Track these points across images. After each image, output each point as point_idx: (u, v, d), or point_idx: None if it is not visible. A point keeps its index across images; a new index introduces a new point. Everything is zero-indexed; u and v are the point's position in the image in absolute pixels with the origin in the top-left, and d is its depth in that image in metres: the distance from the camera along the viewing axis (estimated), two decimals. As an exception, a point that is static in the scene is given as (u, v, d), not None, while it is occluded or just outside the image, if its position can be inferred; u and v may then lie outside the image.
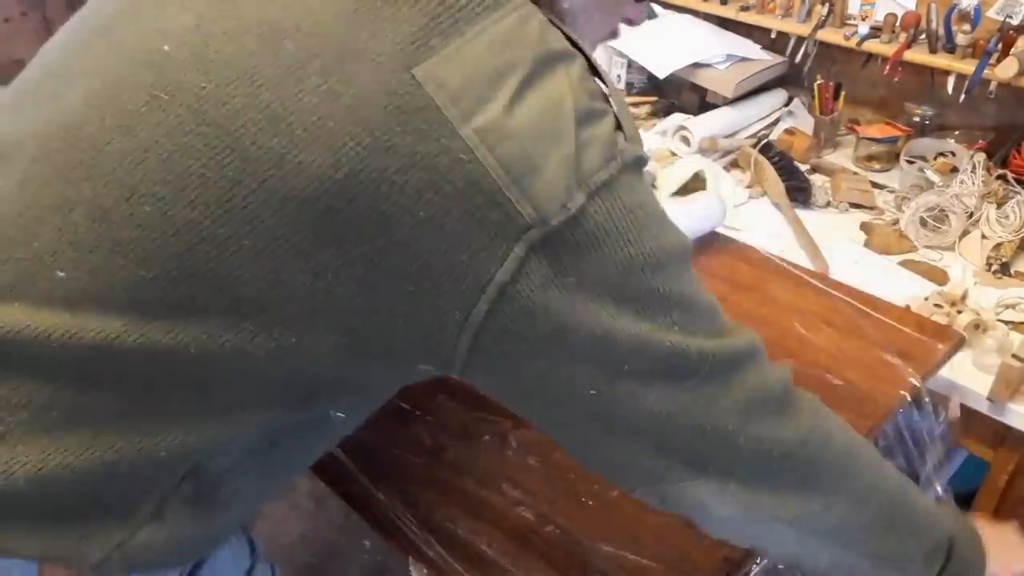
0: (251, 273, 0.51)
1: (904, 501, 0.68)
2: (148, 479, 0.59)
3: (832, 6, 1.63)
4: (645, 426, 0.56)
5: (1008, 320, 1.18)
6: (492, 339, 0.53)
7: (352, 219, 0.50)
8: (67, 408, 0.56)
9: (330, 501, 1.97)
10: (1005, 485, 1.15)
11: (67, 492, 0.58)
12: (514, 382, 0.57)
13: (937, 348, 1.01)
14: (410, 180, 0.49)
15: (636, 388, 0.55)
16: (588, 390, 0.55)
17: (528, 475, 0.85)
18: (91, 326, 0.54)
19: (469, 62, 0.50)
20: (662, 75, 1.75)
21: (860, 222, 1.45)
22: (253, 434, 0.61)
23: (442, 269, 0.50)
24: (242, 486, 0.63)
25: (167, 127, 0.53)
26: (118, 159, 0.54)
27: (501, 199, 0.49)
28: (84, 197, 0.55)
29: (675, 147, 1.68)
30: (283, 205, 0.50)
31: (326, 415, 0.65)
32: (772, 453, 0.59)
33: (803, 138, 1.68)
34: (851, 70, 1.72)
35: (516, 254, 0.50)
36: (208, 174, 0.51)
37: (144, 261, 0.53)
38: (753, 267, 1.18)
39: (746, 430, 0.58)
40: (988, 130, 1.60)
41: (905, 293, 1.22)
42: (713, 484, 0.59)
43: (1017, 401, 1.05)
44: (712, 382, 0.57)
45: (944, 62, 1.48)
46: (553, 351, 0.54)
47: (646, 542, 0.77)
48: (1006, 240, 1.31)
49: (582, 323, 0.53)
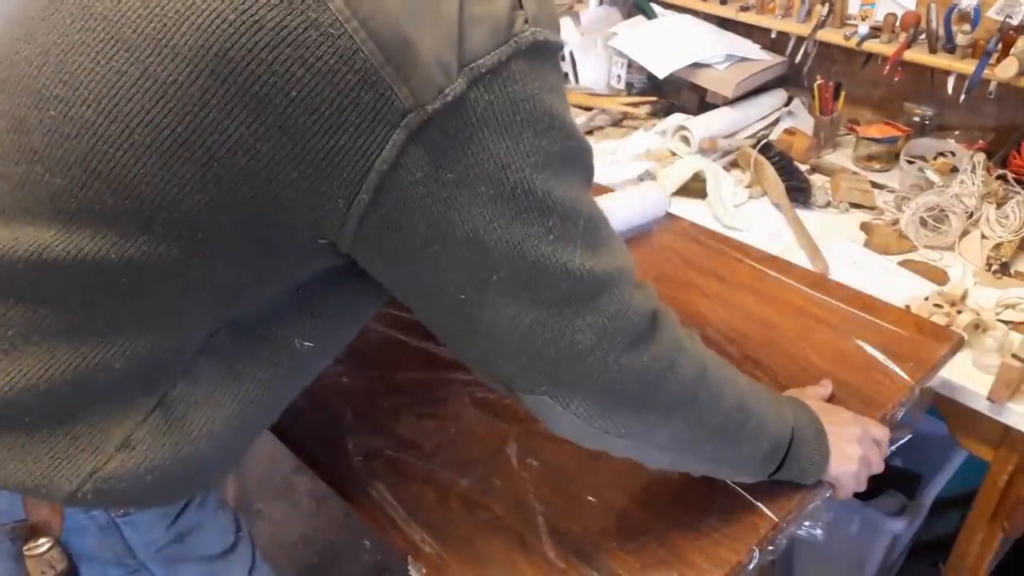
0: (146, 170, 0.52)
1: (742, 416, 0.71)
2: (113, 402, 0.61)
3: (832, 6, 1.63)
4: (504, 335, 0.58)
5: (1008, 320, 1.17)
6: (373, 230, 0.54)
7: (227, 102, 0.50)
8: (22, 326, 0.58)
9: (330, 501, 1.97)
10: (1005, 485, 1.15)
11: (35, 418, 0.60)
12: (393, 274, 0.59)
13: (936, 349, 1.01)
14: (279, 57, 0.48)
15: (500, 298, 0.56)
16: (458, 294, 0.57)
17: (528, 475, 0.85)
18: (25, 238, 0.56)
19: None
20: (662, 75, 1.75)
21: (860, 222, 1.45)
22: (209, 360, 0.63)
23: (322, 154, 0.50)
24: (213, 419, 0.64)
25: (61, 27, 0.54)
26: (25, 67, 0.56)
27: (375, 79, 0.48)
28: (3, 110, 0.57)
29: (675, 147, 1.68)
30: (164, 93, 0.50)
31: (290, 344, 0.66)
32: (616, 377, 0.61)
33: (803, 138, 1.68)
34: (851, 70, 1.72)
35: (395, 141, 0.49)
36: (97, 68, 0.52)
37: (57, 168, 0.54)
38: (753, 267, 1.18)
39: (595, 352, 0.59)
40: (988, 130, 1.60)
41: (905, 293, 1.21)
42: (559, 396, 0.61)
43: (1017, 401, 1.05)
44: (572, 303, 0.58)
45: (944, 62, 1.48)
46: (428, 251, 0.54)
47: (646, 542, 0.77)
48: (1006, 240, 1.31)
49: (458, 223, 0.53)
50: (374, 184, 0.51)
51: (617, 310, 0.59)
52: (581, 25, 1.98)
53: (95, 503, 0.63)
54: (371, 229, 0.54)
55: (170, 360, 0.61)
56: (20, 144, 0.56)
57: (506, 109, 0.51)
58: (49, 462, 0.61)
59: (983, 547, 1.23)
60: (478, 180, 0.52)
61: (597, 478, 0.84)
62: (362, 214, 0.53)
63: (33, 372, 0.59)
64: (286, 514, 1.96)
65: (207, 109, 0.50)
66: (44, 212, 0.56)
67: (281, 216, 0.55)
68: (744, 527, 0.78)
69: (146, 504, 0.69)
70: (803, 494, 0.81)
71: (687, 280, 1.15)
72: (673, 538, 0.78)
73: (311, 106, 0.49)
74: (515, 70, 0.51)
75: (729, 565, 0.75)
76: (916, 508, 1.48)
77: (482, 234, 0.54)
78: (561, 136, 0.55)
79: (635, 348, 0.62)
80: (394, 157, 0.50)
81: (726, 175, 1.56)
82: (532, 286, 0.56)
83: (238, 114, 0.50)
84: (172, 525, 0.73)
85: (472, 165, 0.51)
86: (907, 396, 0.94)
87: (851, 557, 1.50)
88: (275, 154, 0.51)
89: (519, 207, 0.54)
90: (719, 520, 0.79)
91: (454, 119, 0.50)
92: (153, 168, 0.52)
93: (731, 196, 1.51)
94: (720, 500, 0.81)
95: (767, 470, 0.78)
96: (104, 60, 0.52)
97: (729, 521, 0.79)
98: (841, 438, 0.81)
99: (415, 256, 0.56)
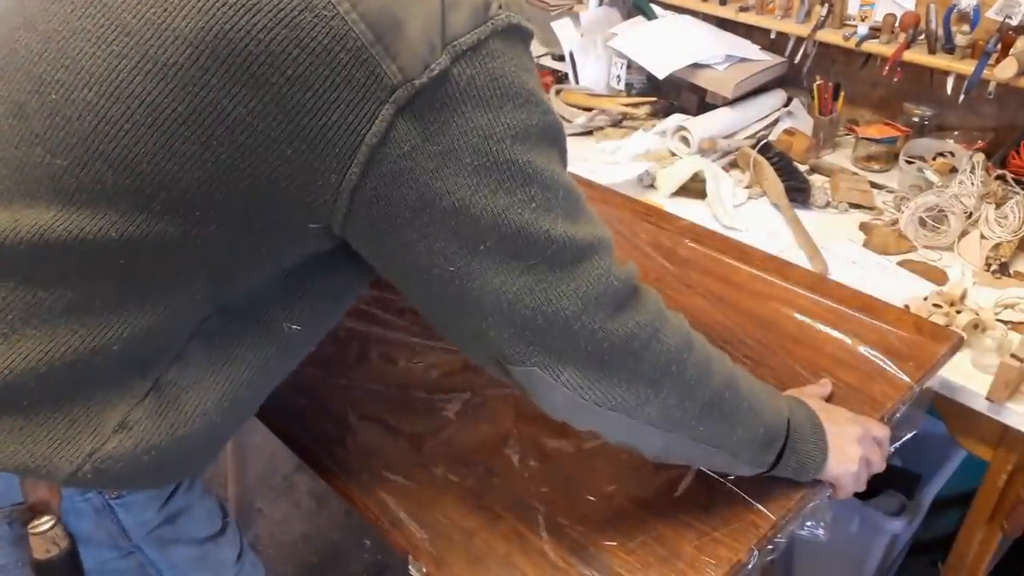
0: (147, 148, 0.55)
1: (733, 396, 0.72)
2: (110, 385, 0.63)
3: (831, 7, 1.63)
4: (493, 305, 0.60)
5: (1007, 320, 1.18)
6: (365, 204, 0.56)
7: (226, 82, 0.53)
8: (22, 310, 0.60)
9: (331, 500, 1.97)
10: (1004, 485, 1.15)
11: (34, 400, 0.62)
12: (385, 251, 0.61)
13: (936, 348, 1.01)
14: (276, 38, 0.51)
15: (488, 268, 0.59)
16: (448, 266, 0.59)
17: (528, 474, 0.85)
18: (25, 220, 0.58)
19: None
20: (662, 75, 1.75)
21: (859, 222, 1.45)
22: (201, 344, 0.65)
23: (315, 130, 0.53)
24: (205, 400, 0.67)
25: (62, 15, 0.57)
26: (25, 54, 0.59)
27: (366, 57, 0.51)
28: (2, 96, 0.59)
29: (675, 147, 1.68)
30: (165, 74, 0.53)
31: (278, 328, 0.69)
32: (603, 344, 0.63)
33: (802, 138, 1.68)
34: (850, 70, 1.72)
35: (384, 115, 0.53)
36: (98, 53, 0.55)
37: (58, 149, 0.57)
38: (752, 267, 1.18)
39: (582, 319, 0.61)
40: (987, 130, 1.61)
41: (904, 293, 1.22)
42: (549, 367, 0.63)
43: (1016, 401, 1.06)
44: (556, 269, 0.60)
45: (943, 62, 1.48)
46: (417, 222, 0.57)
47: (646, 542, 0.77)
48: (1005, 240, 1.31)
49: (445, 193, 0.56)
50: (364, 158, 0.54)
51: (600, 275, 0.62)
52: (581, 25, 1.98)
53: (94, 483, 0.65)
54: (362, 203, 0.56)
55: (164, 344, 0.63)
56: (20, 128, 0.58)
57: (487, 83, 0.55)
58: (48, 444, 0.62)
59: (982, 547, 1.24)
60: (463, 151, 0.55)
61: (597, 478, 0.84)
62: (353, 187, 0.55)
63: (33, 355, 0.60)
64: (286, 513, 1.96)
65: (207, 89, 0.53)
66: (44, 194, 0.58)
67: (276, 195, 0.57)
68: (744, 527, 0.78)
69: (142, 484, 0.70)
70: (803, 494, 0.81)
71: (687, 280, 1.15)
72: (673, 538, 0.78)
73: (306, 84, 0.52)
74: (493, 48, 0.55)
75: (729, 565, 0.75)
76: (915, 508, 1.48)
77: (468, 203, 0.56)
78: (538, 111, 0.58)
79: (619, 314, 0.63)
80: (383, 131, 0.53)
81: (725, 175, 1.56)
82: (518, 254, 0.59)
83: (236, 93, 0.53)
84: (163, 507, 0.75)
85: (457, 137, 0.55)
86: (906, 396, 0.94)
87: (850, 556, 1.50)
88: (271, 131, 0.54)
89: (502, 176, 0.57)
90: (719, 520, 0.79)
91: (439, 93, 0.53)
92: (154, 147, 0.55)
93: (730, 196, 1.52)
94: (720, 500, 0.81)
95: (764, 460, 0.77)
96: (105, 44, 0.55)
97: (729, 521, 0.79)
98: (841, 438, 0.81)
99: (405, 228, 0.58)
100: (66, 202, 0.57)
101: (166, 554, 0.77)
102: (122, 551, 0.74)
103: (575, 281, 0.61)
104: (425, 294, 0.64)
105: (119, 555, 0.74)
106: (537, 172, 0.58)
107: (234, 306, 0.66)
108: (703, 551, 0.76)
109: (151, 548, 0.75)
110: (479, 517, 0.80)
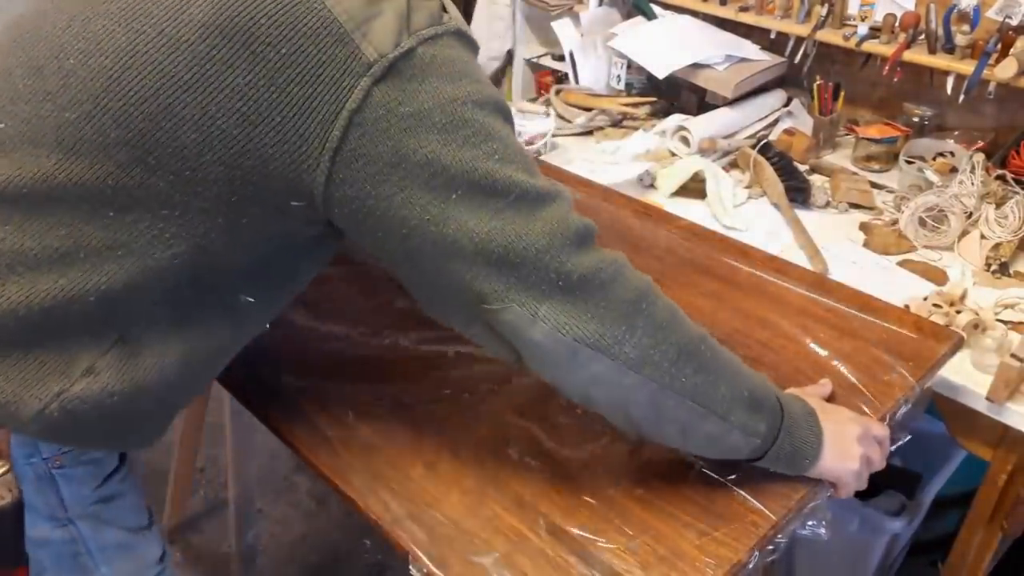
0: (151, 108, 0.64)
1: (711, 350, 0.76)
2: (81, 333, 0.69)
3: (831, 7, 1.63)
4: (468, 247, 0.66)
5: (1007, 320, 1.18)
6: (345, 164, 0.64)
7: (230, 56, 0.62)
8: (10, 257, 0.66)
9: (331, 501, 1.97)
10: (1004, 485, 1.15)
11: (9, 340, 0.68)
12: (366, 211, 0.67)
13: (936, 348, 1.01)
14: (275, 22, 0.62)
15: (461, 214, 0.66)
16: (424, 215, 0.66)
17: (527, 474, 0.85)
18: (28, 167, 0.66)
19: None
20: (662, 75, 1.75)
21: (859, 222, 1.45)
22: (167, 305, 0.71)
23: (302, 100, 0.62)
24: (164, 357, 0.73)
25: (90, 0, 0.67)
26: (50, 28, 0.68)
27: (347, 40, 0.62)
28: (21, 61, 0.69)
29: (675, 147, 1.68)
30: (176, 48, 0.63)
31: (235, 300, 0.76)
32: (573, 276, 0.68)
33: (802, 138, 1.68)
34: (850, 70, 1.72)
35: (363, 86, 0.62)
36: (117, 30, 0.65)
37: (68, 104, 0.65)
38: (752, 267, 1.18)
39: (550, 252, 0.67)
40: (987, 130, 1.61)
41: (904, 293, 1.22)
42: (526, 304, 0.68)
43: (1016, 401, 1.06)
44: (522, 210, 0.67)
45: (943, 62, 1.48)
46: (394, 177, 0.65)
47: (646, 541, 0.77)
48: (1005, 240, 1.31)
49: (417, 148, 0.64)
50: (344, 122, 0.63)
51: (562, 217, 0.69)
52: (581, 25, 1.99)
53: (58, 427, 0.70)
54: (343, 164, 0.64)
55: (137, 300, 0.70)
56: (34, 87, 0.67)
57: (446, 62, 0.65)
58: (20, 382, 0.68)
59: (982, 547, 1.24)
60: (432, 112, 0.64)
61: (597, 478, 0.84)
62: (334, 149, 0.63)
63: (15, 299, 0.66)
64: (286, 514, 1.96)
65: (212, 62, 0.62)
66: (48, 143, 0.66)
67: (263, 164, 0.65)
68: (744, 527, 0.79)
69: (95, 441, 0.76)
70: (803, 493, 0.81)
71: (687, 280, 1.15)
72: (673, 538, 0.78)
73: (296, 61, 0.62)
74: (448, 41, 0.66)
75: (729, 565, 0.75)
76: (915, 507, 1.48)
77: (439, 156, 0.64)
78: (491, 91, 0.69)
79: (584, 250, 0.70)
80: (361, 99, 0.62)
81: (725, 175, 1.57)
82: (486, 200, 0.66)
83: (238, 66, 0.62)
84: (100, 487, 0.81)
85: (425, 100, 0.64)
86: (907, 396, 0.95)
87: (850, 556, 1.50)
88: (264, 100, 0.63)
89: (467, 133, 0.65)
90: (719, 520, 0.79)
91: (408, 66, 0.63)
92: (157, 108, 0.64)
93: (730, 196, 1.52)
94: (720, 500, 0.81)
95: (755, 427, 0.76)
96: (125, 23, 0.65)
97: (729, 521, 0.79)
98: (841, 436, 0.81)
99: (383, 184, 0.65)
100: (68, 151, 0.65)
101: (97, 534, 0.82)
102: (58, 522, 0.79)
103: (540, 221, 0.67)
104: (406, 253, 0.69)
105: (54, 526, 0.79)
106: (496, 132, 0.67)
107: (203, 276, 0.72)
108: (703, 551, 0.76)
109: (84, 524, 0.80)
110: (479, 517, 0.80)
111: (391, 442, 0.89)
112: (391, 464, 0.86)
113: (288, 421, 0.92)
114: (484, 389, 0.96)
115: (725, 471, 0.83)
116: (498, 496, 0.83)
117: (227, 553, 1.81)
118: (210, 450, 2.02)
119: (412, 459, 0.87)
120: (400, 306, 1.09)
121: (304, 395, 0.95)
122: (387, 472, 0.85)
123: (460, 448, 0.88)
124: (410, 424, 0.91)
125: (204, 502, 1.98)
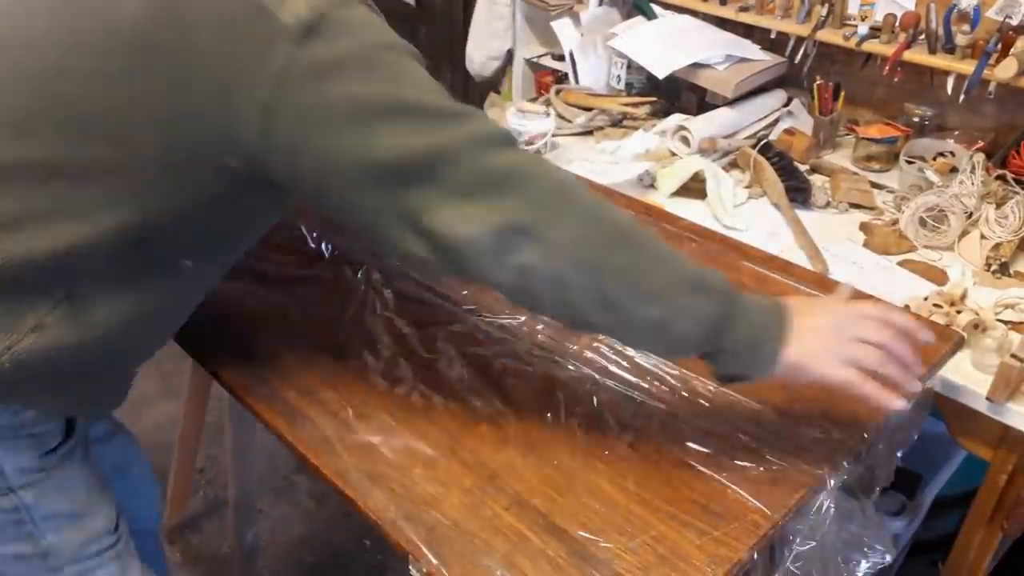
0: (90, 90, 0.72)
1: (643, 233, 0.78)
2: (30, 291, 0.75)
3: (831, 6, 1.63)
4: (399, 163, 0.71)
5: (1007, 320, 1.18)
6: (275, 117, 0.70)
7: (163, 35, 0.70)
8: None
9: (331, 500, 1.97)
10: (1005, 485, 1.15)
11: None
12: (301, 152, 0.72)
13: (936, 348, 1.01)
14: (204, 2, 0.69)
15: (389, 134, 0.71)
16: (356, 148, 0.71)
17: (526, 472, 0.85)
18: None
19: None
20: (662, 75, 1.75)
21: (859, 222, 1.45)
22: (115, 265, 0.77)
23: (235, 63, 0.69)
24: (110, 317, 0.79)
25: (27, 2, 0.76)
26: (2, 20, 0.77)
27: (267, 12, 0.68)
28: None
29: (675, 147, 1.68)
30: (112, 33, 0.71)
31: (179, 262, 0.82)
32: (496, 172, 0.73)
33: (802, 138, 1.68)
34: (850, 70, 1.72)
35: (285, 48, 0.68)
36: (60, 22, 0.74)
37: (15, 88, 0.74)
38: (752, 267, 1.18)
39: (474, 152, 0.72)
40: (987, 130, 1.61)
41: (904, 293, 1.22)
42: (456, 203, 0.72)
43: (1016, 401, 1.06)
44: (447, 125, 0.72)
45: (943, 62, 1.48)
46: (324, 115, 0.70)
47: (646, 541, 0.77)
48: (1005, 240, 1.31)
49: (341, 88, 0.70)
50: (271, 81, 0.68)
51: (482, 124, 0.74)
52: (581, 25, 1.99)
53: (14, 378, 0.76)
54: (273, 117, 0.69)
55: (83, 259, 0.75)
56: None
57: (357, 20, 0.72)
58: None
59: (982, 547, 1.24)
60: (347, 59, 0.70)
61: (597, 478, 0.84)
62: (264, 105, 0.69)
63: None
64: (286, 514, 1.96)
65: (148, 41, 0.70)
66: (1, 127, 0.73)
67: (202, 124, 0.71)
68: (744, 527, 0.79)
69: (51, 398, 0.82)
70: (803, 493, 0.81)
71: (687, 280, 1.15)
72: (673, 538, 0.78)
73: (226, 30, 0.69)
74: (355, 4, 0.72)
75: (729, 565, 0.75)
76: (915, 507, 1.48)
77: (362, 91, 0.70)
78: (401, 40, 0.74)
79: (507, 148, 0.75)
80: (283, 58, 0.68)
81: (726, 175, 1.56)
82: (411, 121, 0.71)
83: (171, 42, 0.70)
84: (43, 457, 0.86)
85: (342, 50, 0.70)
86: (907, 396, 0.94)
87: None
88: (198, 68, 0.69)
89: (388, 70, 0.72)
90: (719, 520, 0.79)
91: (323, 26, 0.69)
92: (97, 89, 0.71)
93: (731, 196, 1.52)
94: (720, 500, 0.81)
95: (704, 311, 0.76)
96: (69, 13, 0.73)
97: (729, 521, 0.79)
98: (804, 314, 0.79)
99: (312, 130, 0.70)
100: (17, 132, 0.73)
101: (41, 503, 0.86)
102: None
103: (461, 130, 0.73)
104: (341, 185, 0.73)
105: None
106: (412, 69, 0.73)
107: (149, 238, 0.77)
108: (703, 551, 0.76)
109: (27, 493, 0.85)
110: (479, 517, 0.80)
111: (390, 441, 0.89)
112: (391, 464, 0.86)
113: (288, 421, 0.92)
114: (485, 388, 0.96)
115: (725, 471, 0.83)
116: (498, 496, 0.83)
117: (227, 553, 1.81)
118: (210, 450, 2.02)
119: (412, 459, 0.87)
120: (397, 310, 1.09)
121: (301, 393, 0.95)
122: (387, 472, 0.85)
123: (460, 447, 0.88)
124: (409, 423, 0.91)
125: (204, 502, 1.98)
